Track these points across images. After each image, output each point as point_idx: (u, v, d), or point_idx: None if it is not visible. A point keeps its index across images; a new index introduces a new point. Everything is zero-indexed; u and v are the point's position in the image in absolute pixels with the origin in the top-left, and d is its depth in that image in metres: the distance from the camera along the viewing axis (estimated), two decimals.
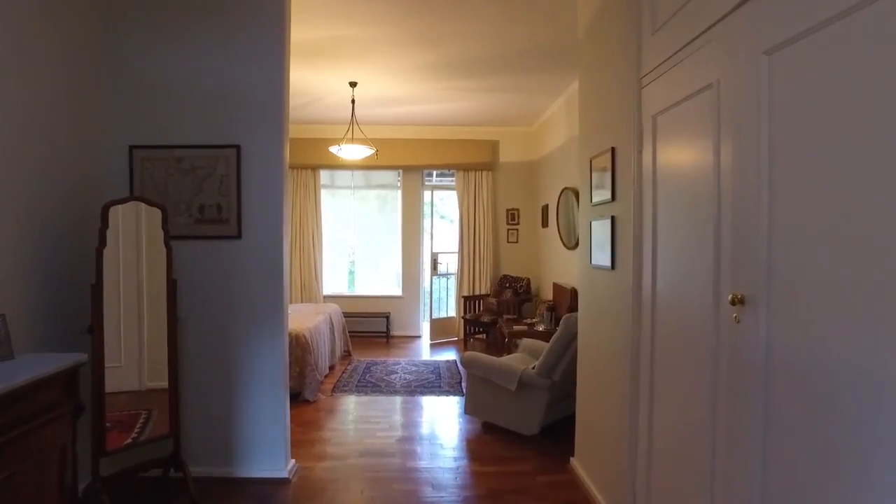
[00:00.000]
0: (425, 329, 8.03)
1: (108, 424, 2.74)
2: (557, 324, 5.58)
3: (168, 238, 2.86)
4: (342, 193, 8.19)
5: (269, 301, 3.12)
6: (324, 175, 7.94)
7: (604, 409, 2.81)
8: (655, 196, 2.20)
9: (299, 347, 4.76)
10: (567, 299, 5.39)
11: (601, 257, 2.87)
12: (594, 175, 2.98)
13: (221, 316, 3.11)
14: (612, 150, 2.69)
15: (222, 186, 3.08)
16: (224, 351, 3.12)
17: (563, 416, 3.99)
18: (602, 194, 2.86)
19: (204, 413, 3.12)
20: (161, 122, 3.07)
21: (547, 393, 3.68)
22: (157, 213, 2.84)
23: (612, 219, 2.70)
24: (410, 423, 4.27)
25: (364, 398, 4.94)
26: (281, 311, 3.13)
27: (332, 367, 5.92)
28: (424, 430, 4.15)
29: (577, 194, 5.60)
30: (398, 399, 4.92)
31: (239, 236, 3.09)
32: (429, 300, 7.95)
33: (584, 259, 3.19)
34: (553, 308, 5.47)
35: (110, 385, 2.72)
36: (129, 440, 2.84)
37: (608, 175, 2.75)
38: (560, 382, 3.69)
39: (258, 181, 3.10)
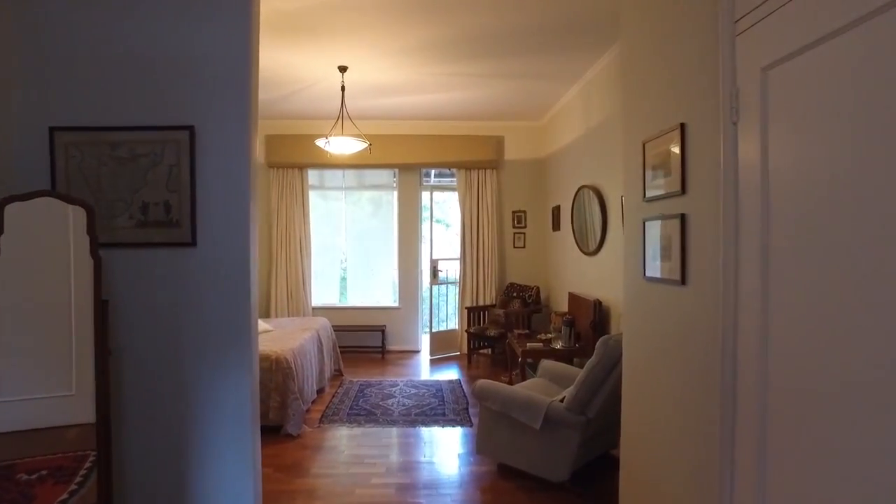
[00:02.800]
0: (425, 343, 7.35)
1: (43, 472, 2.13)
2: (578, 340, 4.92)
3: (95, 246, 2.17)
4: (333, 195, 7.50)
5: (233, 324, 2.43)
6: (312, 175, 7.26)
7: (672, 473, 2.13)
8: (767, 187, 1.53)
9: (280, 373, 4.07)
10: (589, 313, 4.72)
11: (662, 268, 2.21)
12: (649, 163, 2.32)
13: (171, 345, 2.42)
14: (682, 127, 2.03)
15: (171, 180, 2.40)
16: (174, 390, 2.42)
17: (598, 456, 3.33)
18: (663, 186, 2.20)
19: (148, 474, 2.43)
20: (91, 97, 2.38)
21: (579, 433, 3.01)
22: (82, 213, 2.16)
23: (682, 218, 2.04)
24: (411, 466, 3.59)
25: (357, 430, 4.25)
26: (248, 336, 2.45)
27: (320, 391, 5.23)
28: (428, 474, 3.46)
29: (597, 193, 4.96)
30: (396, 431, 4.24)
31: (193, 243, 2.41)
32: (428, 311, 7.26)
33: (632, 268, 2.53)
34: (572, 322, 4.81)
35: (57, 417, 2.17)
36: (65, 495, 2.19)
37: (674, 161, 2.10)
38: (596, 418, 3.03)
39: (218, 172, 2.42)
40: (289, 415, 4.06)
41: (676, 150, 2.07)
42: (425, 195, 7.40)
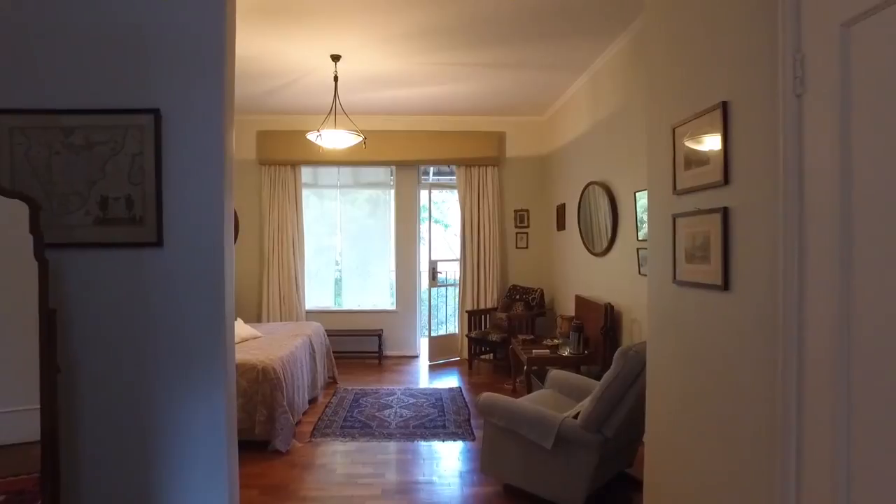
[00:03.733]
0: (423, 347, 7.03)
1: (1, 497, 1.92)
2: (586, 346, 4.62)
3: (41, 247, 1.87)
4: (327, 193, 7.19)
5: (205, 335, 2.13)
6: (305, 172, 6.95)
7: None
8: (849, 174, 1.24)
9: (267, 384, 3.77)
10: (600, 317, 4.43)
11: (697, 270, 1.91)
12: (681, 150, 2.03)
13: (133, 359, 2.11)
14: (723, 106, 1.74)
15: (134, 171, 2.09)
16: (137, 410, 2.12)
17: (615, 477, 3.03)
18: (699, 177, 1.90)
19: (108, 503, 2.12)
20: (40, 75, 2.08)
21: (596, 453, 2.71)
22: (24, 209, 1.86)
23: (724, 213, 1.74)
24: (409, 486, 3.28)
25: (351, 445, 3.94)
26: (222, 348, 2.14)
27: (313, 401, 4.93)
28: (428, 496, 3.16)
29: (607, 189, 4.66)
30: (393, 446, 3.93)
31: (159, 243, 2.11)
32: (427, 315, 6.96)
33: (658, 271, 2.23)
34: (581, 328, 4.51)
35: (19, 433, 1.95)
36: None
37: (714, 146, 1.80)
38: (614, 437, 2.73)
39: (188, 163, 2.12)
40: (277, 429, 3.75)
41: (716, 133, 1.78)
42: (424, 194, 7.09)
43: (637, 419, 2.71)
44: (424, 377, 6.10)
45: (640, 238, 3.99)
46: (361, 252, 7.19)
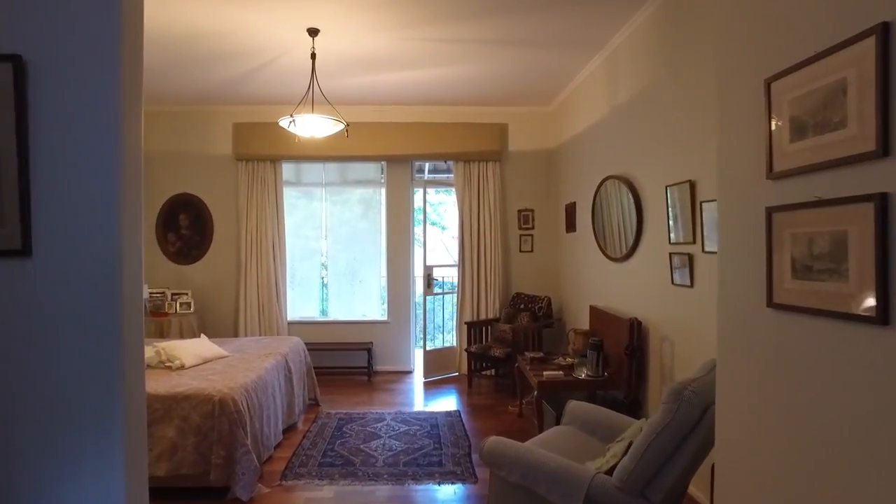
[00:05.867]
0: (418, 361, 6.38)
1: None
2: (606, 367, 3.98)
3: None
4: (311, 193, 6.52)
5: (93, 392, 1.47)
6: (287, 169, 6.30)
7: None
8: None
9: (225, 419, 3.11)
10: (622, 333, 3.78)
11: (822, 292, 1.26)
12: (785, 111, 1.38)
13: None
14: (883, 30, 1.09)
15: None
16: None
17: None
18: (825, 149, 1.25)
19: None
20: None
21: None
22: None
23: (880, 203, 1.09)
24: None
25: (328, 490, 3.28)
26: (119, 413, 1.48)
27: (290, 428, 4.27)
28: None
29: (629, 184, 4.02)
30: (379, 492, 3.27)
31: (25, 251, 1.45)
32: (422, 326, 6.30)
33: (738, 289, 1.58)
34: (599, 346, 3.85)
35: None
36: None
37: (854, 99, 1.16)
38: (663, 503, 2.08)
39: (69, 133, 1.47)
40: (237, 473, 3.09)
41: (865, 75, 1.13)
42: (418, 193, 6.43)
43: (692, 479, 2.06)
44: (419, 397, 5.44)
45: (673, 240, 3.35)
46: (350, 257, 6.52)
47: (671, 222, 3.37)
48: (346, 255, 6.50)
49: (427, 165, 6.69)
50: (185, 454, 3.06)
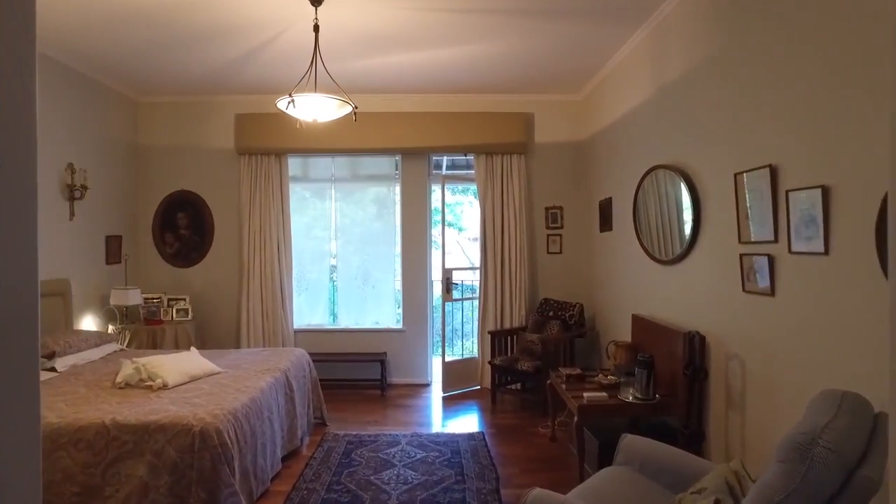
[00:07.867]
0: (436, 372, 5.84)
1: None
2: (655, 389, 3.39)
3: None
4: (319, 189, 6.01)
5: None
6: (293, 164, 5.80)
7: None
8: None
9: (207, 454, 2.59)
10: (677, 349, 3.20)
11: None
12: None
13: None
14: None
15: None
16: None
17: None
18: None
19: None
20: None
21: None
22: None
23: None
24: None
25: None
26: None
27: (293, 454, 3.76)
28: None
29: (683, 174, 3.43)
30: None
31: None
32: (440, 335, 5.76)
33: None
34: (650, 363, 3.28)
35: None
36: None
37: None
38: None
39: None
40: None
41: None
42: (436, 193, 5.89)
43: None
44: (437, 415, 4.90)
45: (744, 239, 2.77)
46: (362, 259, 6.00)
47: (742, 217, 2.79)
48: (358, 258, 5.98)
49: (445, 159, 6.16)
50: (158, 496, 2.55)
